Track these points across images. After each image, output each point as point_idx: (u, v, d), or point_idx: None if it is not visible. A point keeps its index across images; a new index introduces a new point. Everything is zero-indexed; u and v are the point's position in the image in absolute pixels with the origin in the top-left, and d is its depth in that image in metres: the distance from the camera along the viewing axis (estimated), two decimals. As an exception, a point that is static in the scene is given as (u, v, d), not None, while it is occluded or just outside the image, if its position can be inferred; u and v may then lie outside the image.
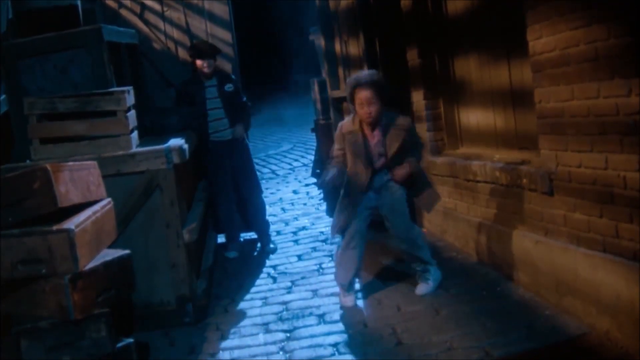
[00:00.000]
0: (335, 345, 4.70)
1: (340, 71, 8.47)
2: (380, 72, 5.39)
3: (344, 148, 5.24)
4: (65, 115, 5.21)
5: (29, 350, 4.01)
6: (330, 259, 6.71)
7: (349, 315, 5.18)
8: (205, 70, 7.03)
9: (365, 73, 5.18)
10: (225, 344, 5.01)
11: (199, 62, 7.03)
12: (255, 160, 8.38)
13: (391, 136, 5.11)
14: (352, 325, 5.00)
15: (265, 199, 7.94)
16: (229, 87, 7.20)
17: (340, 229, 5.35)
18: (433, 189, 5.40)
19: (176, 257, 5.32)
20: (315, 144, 10.34)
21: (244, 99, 7.43)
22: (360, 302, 5.40)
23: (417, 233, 5.39)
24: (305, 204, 9.51)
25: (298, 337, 4.95)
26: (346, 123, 5.27)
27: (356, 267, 5.37)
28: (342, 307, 5.36)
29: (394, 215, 5.27)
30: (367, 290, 5.53)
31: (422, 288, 5.33)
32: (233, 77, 7.67)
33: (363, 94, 5.01)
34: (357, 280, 5.53)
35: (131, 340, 4.33)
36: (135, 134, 5.40)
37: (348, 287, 5.39)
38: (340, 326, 5.01)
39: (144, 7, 8.25)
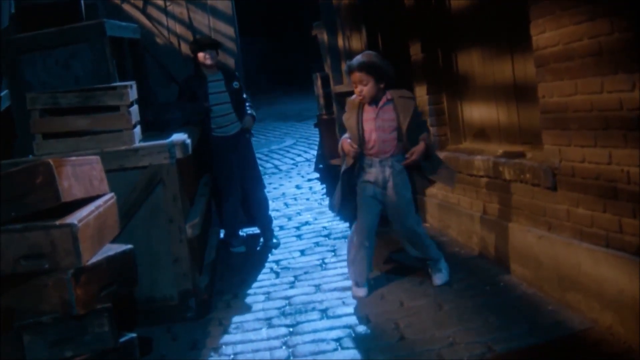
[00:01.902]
0: (338, 340, 4.70)
1: (343, 66, 8.44)
2: (377, 53, 5.38)
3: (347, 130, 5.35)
4: (67, 110, 5.21)
5: (32, 345, 4.01)
6: (333, 254, 6.72)
7: (351, 310, 5.18)
8: (208, 62, 7.02)
9: (357, 57, 5.26)
10: (227, 338, 5.01)
11: (200, 55, 7.02)
12: (258, 155, 8.39)
13: (402, 109, 5.16)
14: (355, 320, 5.00)
15: (268, 194, 7.94)
16: (236, 84, 7.21)
17: (337, 207, 5.46)
18: (446, 165, 5.41)
19: (179, 252, 5.31)
20: (318, 139, 10.33)
21: (247, 97, 7.44)
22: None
23: (421, 233, 5.38)
24: (308, 199, 9.51)
25: (301, 331, 4.95)
26: (350, 101, 5.38)
27: (369, 263, 5.42)
28: (354, 298, 5.38)
29: (398, 217, 5.28)
30: (370, 285, 5.52)
31: (438, 279, 5.36)
32: (237, 74, 7.67)
33: (354, 76, 5.18)
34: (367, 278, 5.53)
35: (134, 335, 4.34)
36: (137, 129, 5.40)
37: (357, 284, 5.45)
38: (343, 321, 5.01)
39: (146, 1, 8.24)
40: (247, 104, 7.39)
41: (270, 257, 6.98)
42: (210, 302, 5.68)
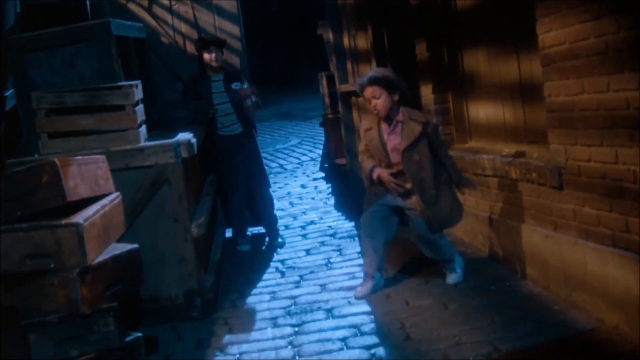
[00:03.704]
0: (343, 339, 4.70)
1: (349, 65, 8.43)
2: (388, 66, 5.41)
3: (368, 145, 5.38)
4: (73, 110, 5.22)
5: (37, 344, 4.02)
6: (339, 253, 6.73)
7: (357, 310, 5.17)
8: (214, 63, 7.01)
9: (369, 73, 5.31)
10: (233, 338, 5.01)
11: (206, 56, 7.01)
12: (263, 155, 8.38)
13: (407, 129, 5.16)
14: (361, 319, 4.99)
15: (273, 194, 7.94)
16: (236, 85, 7.18)
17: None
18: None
19: (184, 251, 5.32)
20: (323, 138, 10.33)
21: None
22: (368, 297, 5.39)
23: (437, 236, 5.35)
24: (313, 199, 9.51)
25: (306, 331, 4.94)
26: (365, 121, 5.43)
27: (378, 257, 5.40)
28: (356, 298, 5.39)
29: (414, 221, 5.26)
30: (377, 282, 5.50)
31: (452, 278, 5.36)
32: (241, 74, 7.65)
33: (366, 92, 5.21)
34: (377, 273, 5.47)
35: (139, 334, 4.34)
36: (143, 128, 5.40)
37: (365, 277, 5.47)
38: (348, 320, 5.01)
39: (152, 1, 8.24)
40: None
41: (276, 257, 6.98)
42: (216, 301, 5.68)
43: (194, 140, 5.38)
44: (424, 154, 5.14)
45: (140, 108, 5.36)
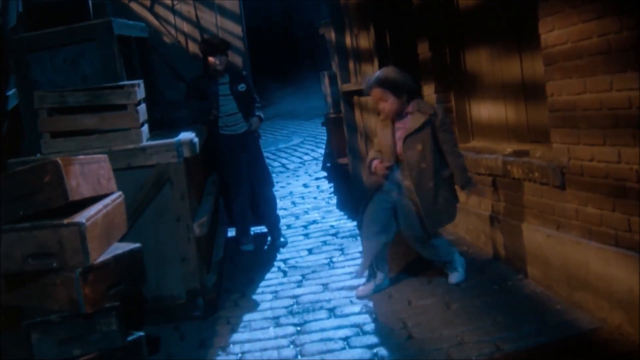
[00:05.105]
0: (345, 339, 4.70)
1: (351, 64, 8.42)
2: (390, 65, 5.40)
3: (380, 136, 5.37)
4: (75, 109, 5.22)
5: (40, 344, 4.02)
6: (341, 252, 6.73)
7: (359, 309, 5.17)
8: (218, 67, 7.02)
9: (376, 73, 5.29)
10: (235, 337, 5.01)
11: (211, 60, 7.01)
12: (266, 154, 8.39)
13: (412, 119, 5.15)
14: (363, 319, 4.99)
15: (275, 193, 7.94)
16: (242, 87, 7.20)
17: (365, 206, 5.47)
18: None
19: (186, 250, 5.32)
20: (325, 138, 10.33)
21: (255, 96, 7.44)
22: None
23: (432, 237, 5.34)
24: (315, 198, 9.51)
25: (308, 330, 4.94)
26: (380, 121, 5.42)
27: (372, 257, 5.37)
28: (357, 297, 5.40)
29: (408, 219, 5.24)
30: (375, 282, 5.51)
31: (454, 277, 5.34)
32: (244, 72, 7.66)
33: (373, 93, 5.21)
34: (381, 273, 5.47)
35: (141, 333, 4.34)
36: (145, 128, 5.40)
37: (368, 276, 5.46)
38: (350, 320, 5.01)
39: (154, 0, 8.24)
40: (255, 104, 7.38)
41: (278, 256, 6.98)
42: (218, 301, 5.68)
43: (196, 140, 5.38)
44: (427, 144, 5.09)
45: (142, 107, 5.36)
